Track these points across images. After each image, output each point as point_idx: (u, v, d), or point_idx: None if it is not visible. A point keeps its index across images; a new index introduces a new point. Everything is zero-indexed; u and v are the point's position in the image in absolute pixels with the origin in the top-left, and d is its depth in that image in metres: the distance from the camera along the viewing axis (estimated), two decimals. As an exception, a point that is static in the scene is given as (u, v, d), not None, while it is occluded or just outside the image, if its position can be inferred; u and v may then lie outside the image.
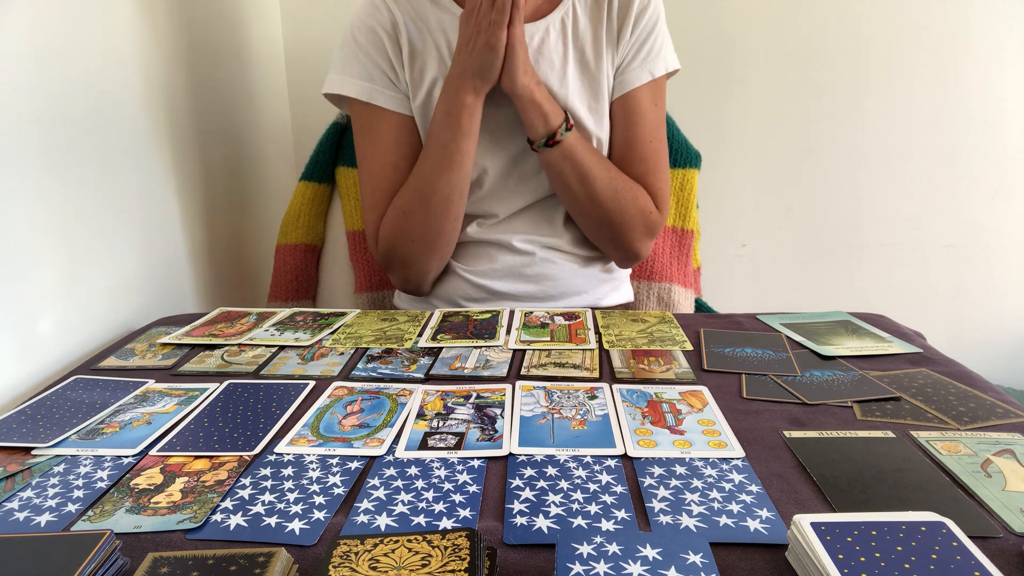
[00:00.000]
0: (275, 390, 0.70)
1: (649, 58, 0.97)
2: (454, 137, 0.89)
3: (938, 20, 1.48)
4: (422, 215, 0.93)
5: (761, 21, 1.50)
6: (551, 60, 0.95)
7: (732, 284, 1.66)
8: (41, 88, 0.78)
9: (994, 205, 1.59)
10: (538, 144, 0.91)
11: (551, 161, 0.93)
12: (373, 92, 0.95)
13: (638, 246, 1.00)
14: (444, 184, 0.91)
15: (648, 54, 0.97)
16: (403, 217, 0.94)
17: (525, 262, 1.00)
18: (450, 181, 0.91)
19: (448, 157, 0.90)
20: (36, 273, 0.77)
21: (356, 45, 0.96)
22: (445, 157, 0.90)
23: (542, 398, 0.67)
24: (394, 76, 0.96)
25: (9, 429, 0.61)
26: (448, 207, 0.93)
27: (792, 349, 0.79)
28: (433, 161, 0.91)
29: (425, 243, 0.95)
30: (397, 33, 0.95)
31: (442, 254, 0.98)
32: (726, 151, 1.58)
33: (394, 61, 0.96)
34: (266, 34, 1.45)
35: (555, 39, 0.95)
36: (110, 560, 0.42)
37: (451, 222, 0.95)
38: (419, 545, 0.41)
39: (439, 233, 0.95)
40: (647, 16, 0.96)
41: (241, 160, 1.31)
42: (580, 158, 0.92)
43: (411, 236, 0.94)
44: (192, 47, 1.12)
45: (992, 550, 0.43)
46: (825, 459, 0.55)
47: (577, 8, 0.96)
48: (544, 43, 0.95)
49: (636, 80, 0.97)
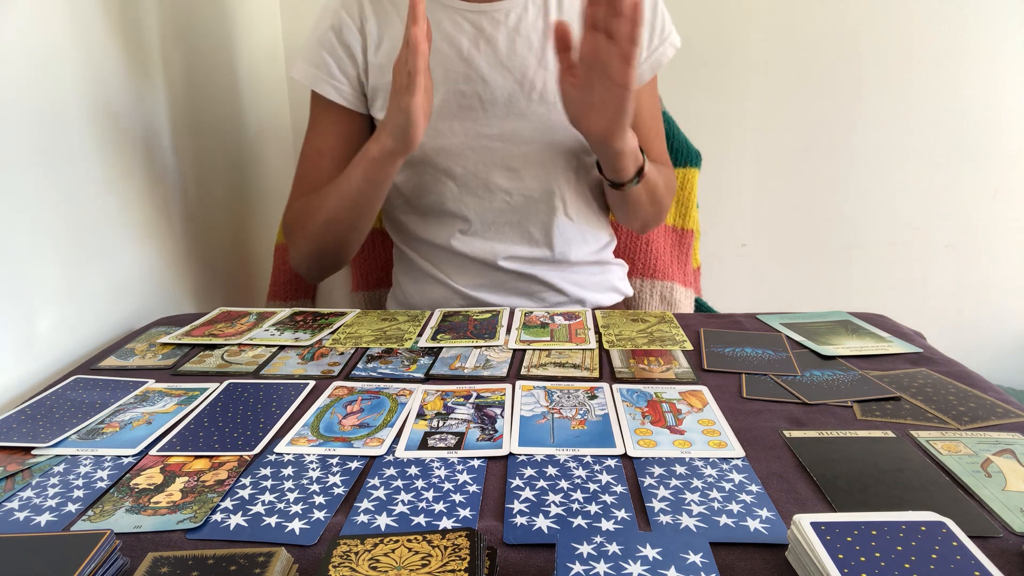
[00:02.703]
0: (275, 390, 0.70)
1: (655, 55, 0.97)
2: (359, 179, 0.87)
3: (938, 20, 1.48)
4: (316, 226, 0.93)
5: (762, 21, 1.50)
6: (528, 39, 0.92)
7: (732, 284, 1.66)
8: (41, 88, 0.78)
9: (994, 205, 1.59)
10: (631, 184, 0.90)
11: (634, 193, 0.91)
12: (317, 79, 0.95)
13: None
14: (340, 213, 0.90)
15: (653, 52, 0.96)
16: (305, 214, 0.94)
17: (512, 278, 1.00)
18: (348, 213, 0.90)
19: (353, 196, 0.89)
20: (36, 273, 0.77)
21: (314, 31, 0.95)
22: (350, 192, 0.89)
23: (542, 398, 0.67)
24: (347, 66, 0.94)
25: (9, 429, 0.61)
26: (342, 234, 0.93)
27: (792, 349, 0.79)
28: (340, 190, 0.89)
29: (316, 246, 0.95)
30: (363, 20, 0.93)
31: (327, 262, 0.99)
32: (726, 151, 1.58)
33: (353, 50, 0.93)
34: (266, 34, 1.44)
35: (534, 16, 0.92)
36: (110, 560, 0.42)
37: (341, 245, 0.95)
38: (419, 545, 0.41)
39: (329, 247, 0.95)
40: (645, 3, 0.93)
41: (241, 160, 1.31)
42: (653, 178, 0.92)
43: (305, 234, 0.95)
44: (192, 47, 1.12)
45: (992, 550, 0.43)
46: (825, 459, 0.55)
47: None
48: (522, 20, 0.92)
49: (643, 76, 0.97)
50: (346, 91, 0.95)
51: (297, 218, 0.96)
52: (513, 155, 0.95)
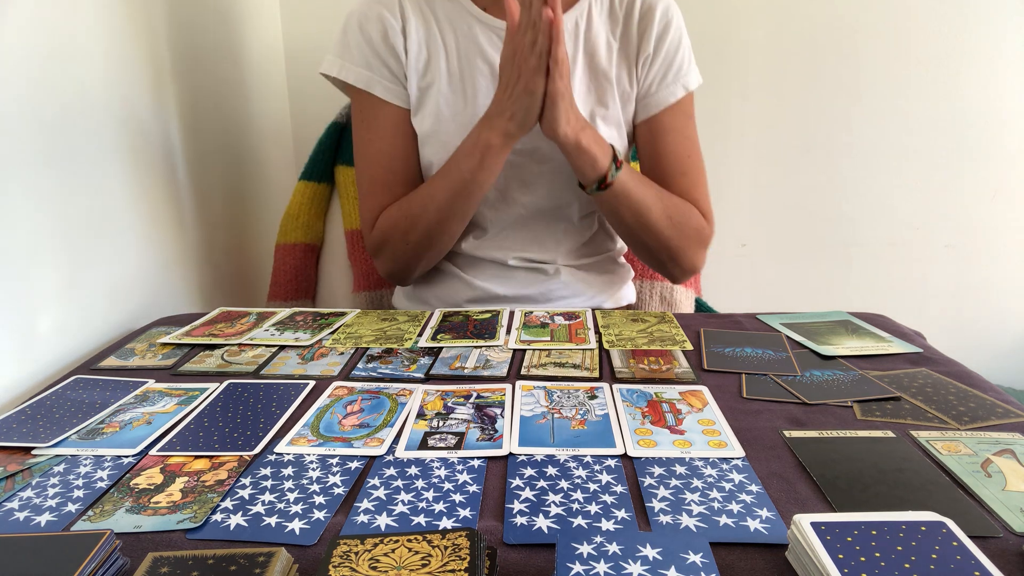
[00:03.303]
0: (275, 390, 0.70)
1: (679, 76, 0.98)
2: (472, 170, 0.89)
3: (938, 19, 1.48)
4: (423, 226, 0.93)
5: (761, 21, 1.50)
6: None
7: (732, 284, 1.66)
8: (41, 88, 0.78)
9: (994, 205, 1.59)
10: (590, 189, 0.91)
11: (604, 201, 0.92)
12: (372, 81, 0.95)
13: (696, 261, 1.00)
14: (452, 207, 0.92)
15: (679, 71, 0.98)
16: (406, 219, 0.94)
17: (523, 274, 1.02)
18: (458, 206, 0.92)
19: (463, 185, 0.90)
20: (36, 273, 0.77)
21: (360, 31, 0.95)
22: (460, 184, 0.90)
23: (542, 398, 0.67)
24: (395, 66, 0.96)
25: (9, 429, 0.61)
26: (449, 227, 0.94)
27: (792, 349, 0.79)
28: (448, 183, 0.91)
29: (419, 248, 0.96)
30: (405, 22, 0.95)
31: (430, 261, 1.00)
32: (726, 151, 1.58)
33: (398, 51, 0.95)
34: (266, 33, 1.44)
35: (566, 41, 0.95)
36: (110, 560, 0.42)
37: (447, 239, 0.97)
38: (419, 545, 0.41)
39: (433, 245, 0.96)
40: (671, 34, 0.96)
41: (241, 160, 1.31)
42: (633, 194, 0.91)
43: (408, 239, 0.95)
44: (192, 47, 1.12)
45: (992, 550, 0.43)
46: (825, 459, 0.55)
47: (593, 11, 0.96)
48: None
49: (671, 97, 0.97)
50: (398, 90, 0.96)
51: (397, 223, 0.95)
52: (532, 171, 0.97)
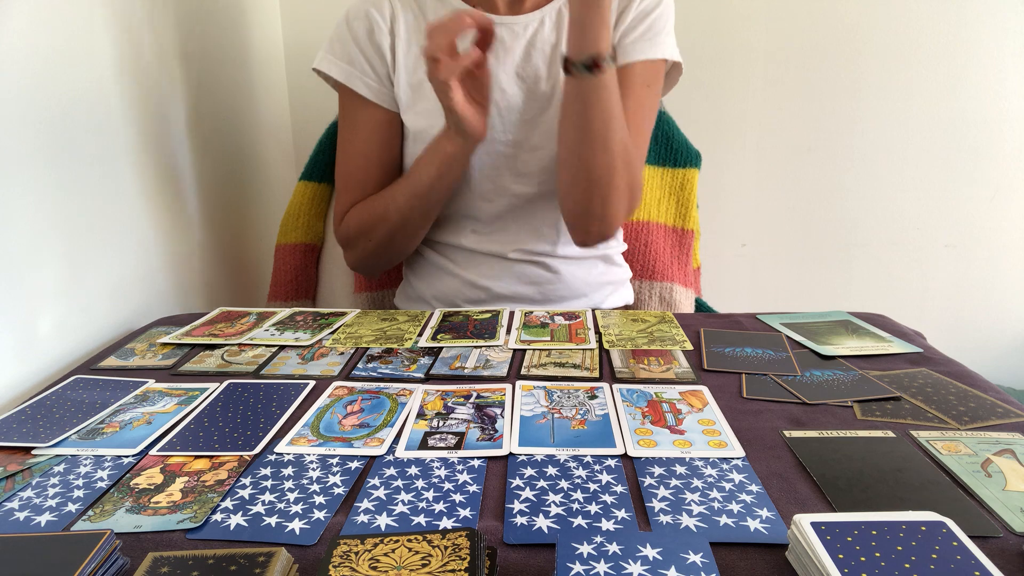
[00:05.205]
0: (275, 390, 0.70)
1: (648, 36, 0.94)
2: (432, 176, 0.90)
3: (938, 20, 1.48)
4: (386, 227, 0.96)
5: (761, 21, 1.50)
6: (542, 51, 0.95)
7: (732, 284, 1.66)
8: (41, 88, 0.78)
9: (994, 205, 1.59)
10: (578, 66, 0.83)
11: (583, 92, 0.84)
12: (352, 76, 0.96)
13: (617, 219, 0.92)
14: (412, 210, 0.94)
15: (647, 32, 0.94)
16: (371, 218, 0.97)
17: (522, 268, 1.02)
18: (419, 209, 0.94)
19: (424, 190, 0.92)
20: (36, 273, 0.77)
21: (347, 27, 0.97)
22: (421, 188, 0.92)
23: (542, 398, 0.67)
24: (379, 65, 0.96)
25: (9, 429, 0.61)
26: (409, 229, 0.97)
27: (792, 349, 0.79)
28: (409, 188, 0.93)
29: (380, 247, 0.98)
30: (394, 21, 0.96)
31: (392, 259, 1.03)
32: (726, 151, 1.57)
33: (383, 50, 0.96)
34: (266, 34, 1.44)
35: (549, 29, 0.96)
36: (110, 560, 0.42)
37: (409, 240, 0.99)
38: (419, 545, 0.41)
39: (395, 244, 0.99)
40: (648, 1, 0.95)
41: (241, 160, 1.31)
42: (613, 97, 0.85)
43: (371, 237, 0.97)
44: (192, 47, 1.12)
45: (992, 550, 0.43)
46: (825, 459, 0.55)
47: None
48: (538, 33, 0.95)
49: (637, 54, 0.93)
50: (379, 89, 0.97)
51: (362, 222, 0.98)
52: (523, 160, 0.98)
